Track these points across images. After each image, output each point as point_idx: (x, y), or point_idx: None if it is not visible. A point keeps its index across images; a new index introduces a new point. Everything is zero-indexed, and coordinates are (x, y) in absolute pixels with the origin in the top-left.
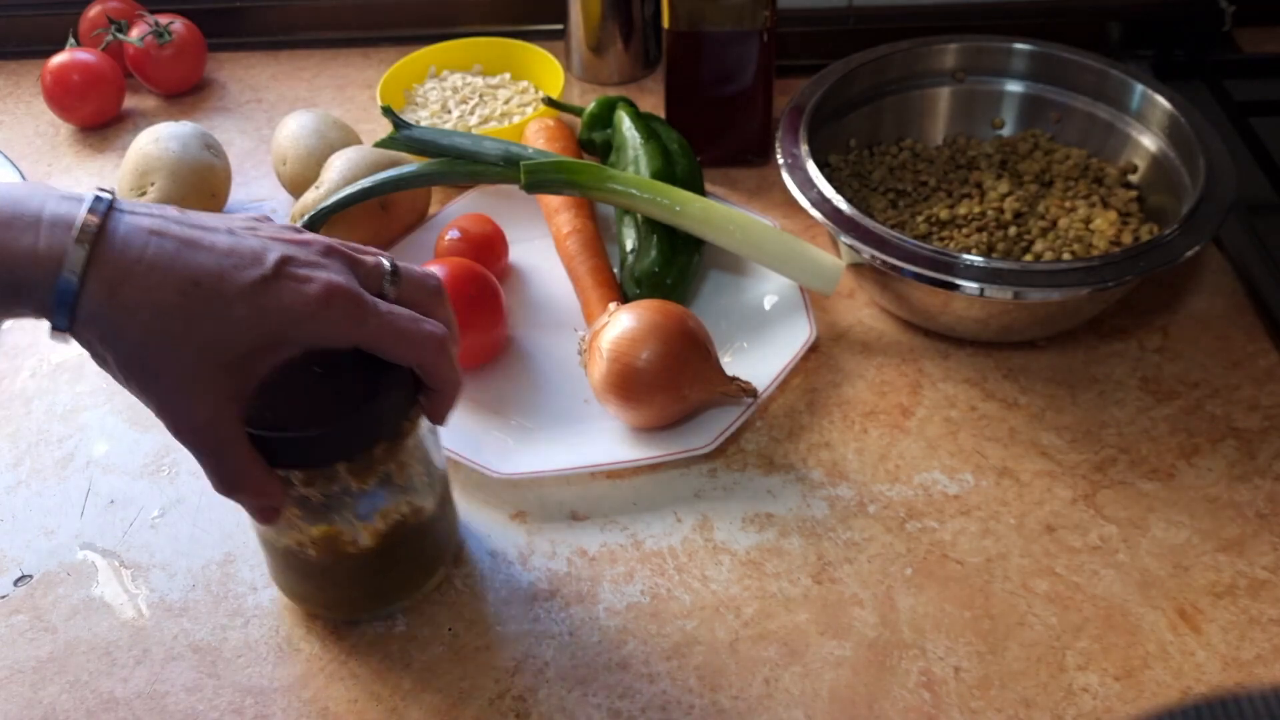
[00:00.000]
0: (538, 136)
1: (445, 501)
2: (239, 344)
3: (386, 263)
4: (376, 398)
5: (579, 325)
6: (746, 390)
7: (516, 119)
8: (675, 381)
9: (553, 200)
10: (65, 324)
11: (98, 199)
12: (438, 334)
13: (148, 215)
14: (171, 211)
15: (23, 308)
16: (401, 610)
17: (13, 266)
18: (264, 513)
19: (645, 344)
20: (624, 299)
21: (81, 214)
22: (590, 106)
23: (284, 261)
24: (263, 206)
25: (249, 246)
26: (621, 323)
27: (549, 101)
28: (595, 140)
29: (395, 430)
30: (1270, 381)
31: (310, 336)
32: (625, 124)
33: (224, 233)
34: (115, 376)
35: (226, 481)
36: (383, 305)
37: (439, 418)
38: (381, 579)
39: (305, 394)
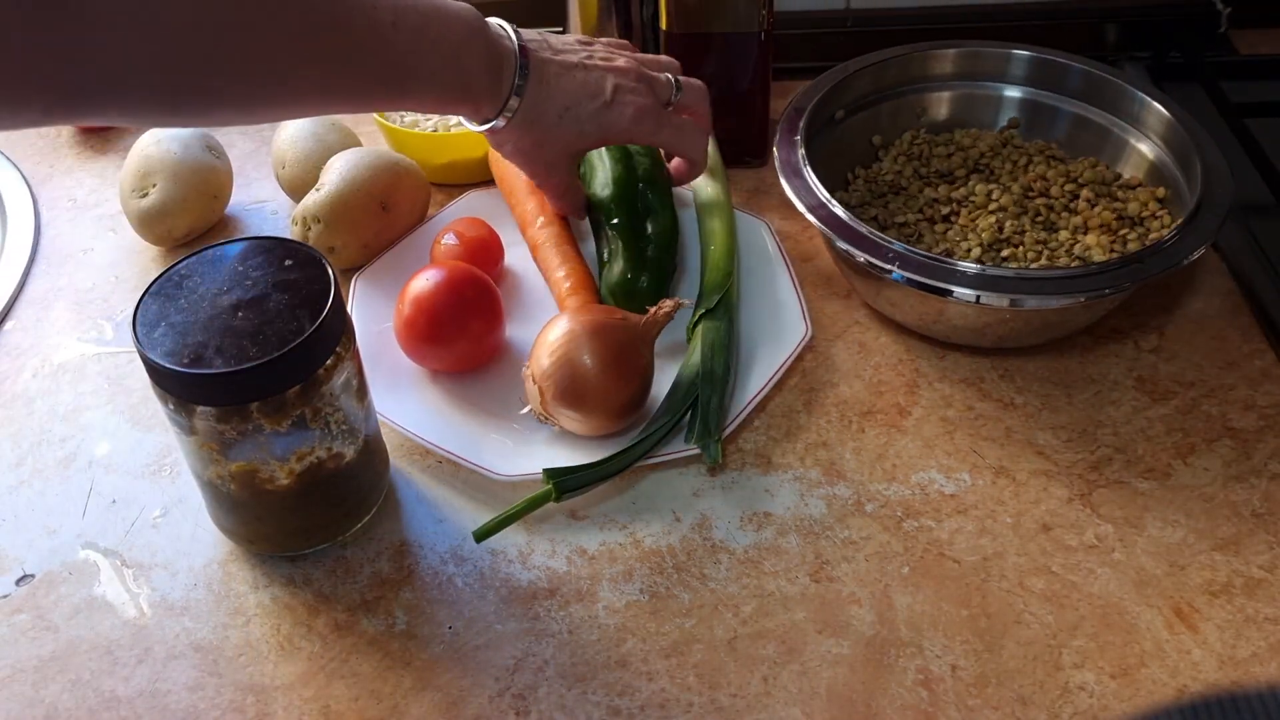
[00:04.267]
0: None
1: (371, 454)
2: (583, 145)
3: (672, 79)
4: (292, 344)
5: None
6: (666, 308)
7: None
8: (615, 370)
9: (526, 215)
10: (503, 123)
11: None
12: (702, 135)
13: (542, 46)
14: (550, 42)
15: (463, 106)
16: (324, 550)
17: (471, 81)
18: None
19: (582, 349)
20: None
21: (515, 49)
22: None
23: (615, 90)
24: (265, 208)
25: (594, 80)
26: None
27: None
28: None
29: (306, 376)
30: (1266, 381)
31: (625, 139)
32: None
33: (579, 67)
34: (509, 156)
35: (558, 199)
36: (671, 118)
37: (697, 171)
38: (301, 518)
39: (231, 336)
